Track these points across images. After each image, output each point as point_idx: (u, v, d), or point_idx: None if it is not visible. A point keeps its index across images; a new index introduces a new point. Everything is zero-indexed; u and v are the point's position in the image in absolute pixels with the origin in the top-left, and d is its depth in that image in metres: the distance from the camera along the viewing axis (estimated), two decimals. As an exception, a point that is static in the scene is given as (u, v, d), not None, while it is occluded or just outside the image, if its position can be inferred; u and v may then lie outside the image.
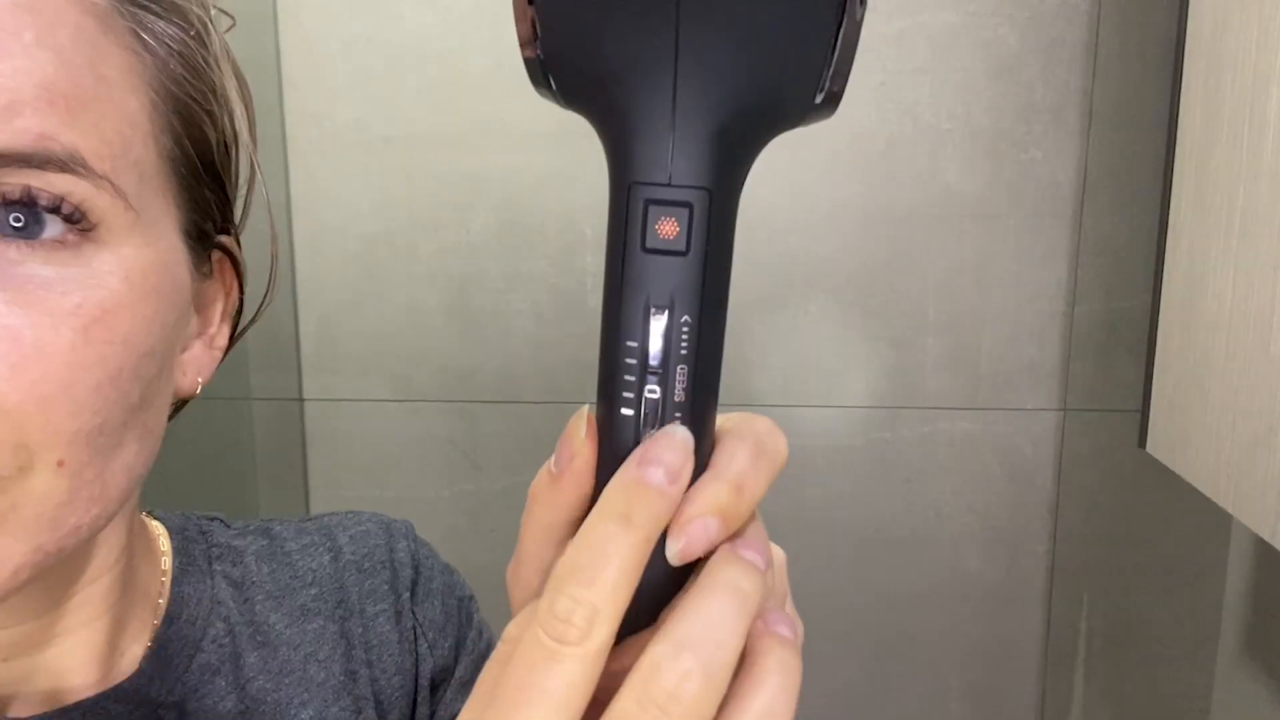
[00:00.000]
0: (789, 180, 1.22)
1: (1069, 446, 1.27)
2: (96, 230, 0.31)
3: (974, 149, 1.21)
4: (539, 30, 0.23)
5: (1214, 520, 1.26)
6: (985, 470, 1.28)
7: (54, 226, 0.30)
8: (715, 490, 0.24)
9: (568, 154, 1.23)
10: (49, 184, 0.29)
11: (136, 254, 0.32)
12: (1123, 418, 1.25)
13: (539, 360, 1.28)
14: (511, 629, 0.25)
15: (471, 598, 0.55)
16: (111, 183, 0.31)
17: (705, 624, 0.22)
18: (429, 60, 1.22)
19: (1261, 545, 1.20)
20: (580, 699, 0.22)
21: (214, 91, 0.37)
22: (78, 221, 0.31)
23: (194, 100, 0.36)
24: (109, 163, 0.31)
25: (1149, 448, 1.09)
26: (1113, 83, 1.19)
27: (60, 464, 0.30)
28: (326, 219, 1.27)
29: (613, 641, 0.22)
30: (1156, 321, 1.07)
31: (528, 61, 0.24)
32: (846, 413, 1.27)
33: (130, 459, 0.33)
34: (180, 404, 0.43)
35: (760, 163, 0.25)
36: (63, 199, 0.30)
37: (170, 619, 0.43)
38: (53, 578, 0.37)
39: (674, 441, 0.23)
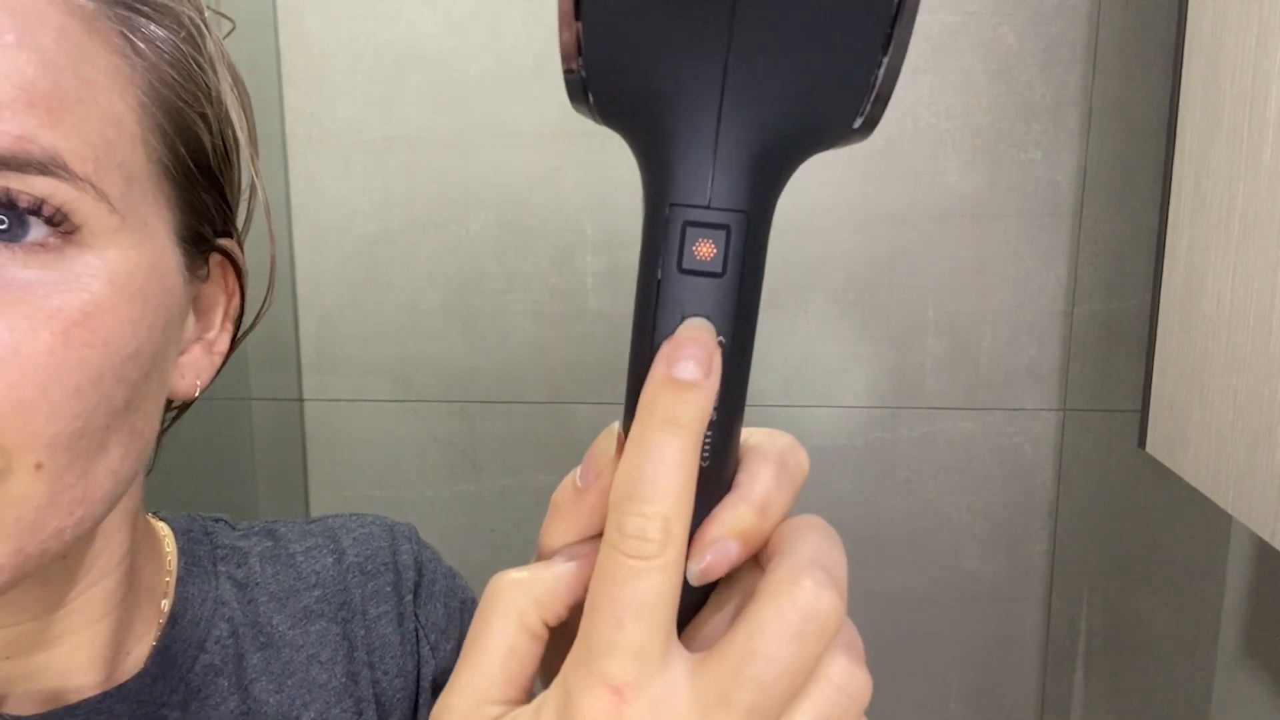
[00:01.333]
0: (789, 180, 1.22)
1: (1069, 446, 1.27)
2: (79, 233, 0.31)
3: (973, 149, 1.21)
4: (584, 46, 0.23)
5: (1214, 520, 1.26)
6: (985, 470, 1.28)
7: (37, 229, 0.30)
8: (740, 512, 0.24)
9: (568, 154, 1.23)
10: (29, 186, 0.29)
11: (122, 256, 0.32)
12: (1122, 418, 1.25)
13: (539, 360, 1.28)
14: (496, 578, 0.25)
15: (474, 600, 0.55)
16: (94, 185, 0.31)
17: (821, 546, 0.23)
18: (429, 61, 1.22)
19: (1261, 545, 1.21)
20: (673, 606, 0.22)
21: (208, 95, 0.37)
22: (60, 224, 0.30)
23: (186, 103, 0.36)
24: (91, 165, 0.31)
25: (1148, 448, 1.09)
26: (1112, 82, 1.19)
27: (38, 467, 0.30)
28: (326, 219, 1.27)
29: (687, 542, 0.23)
30: (1156, 321, 1.07)
31: (569, 76, 0.24)
32: (846, 413, 1.27)
33: (115, 462, 0.33)
34: (183, 407, 0.43)
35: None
36: (43, 201, 0.30)
37: (174, 619, 0.43)
38: (55, 578, 0.37)
39: (696, 334, 0.23)
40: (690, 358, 0.22)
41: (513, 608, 0.24)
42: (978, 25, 1.18)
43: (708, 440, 0.23)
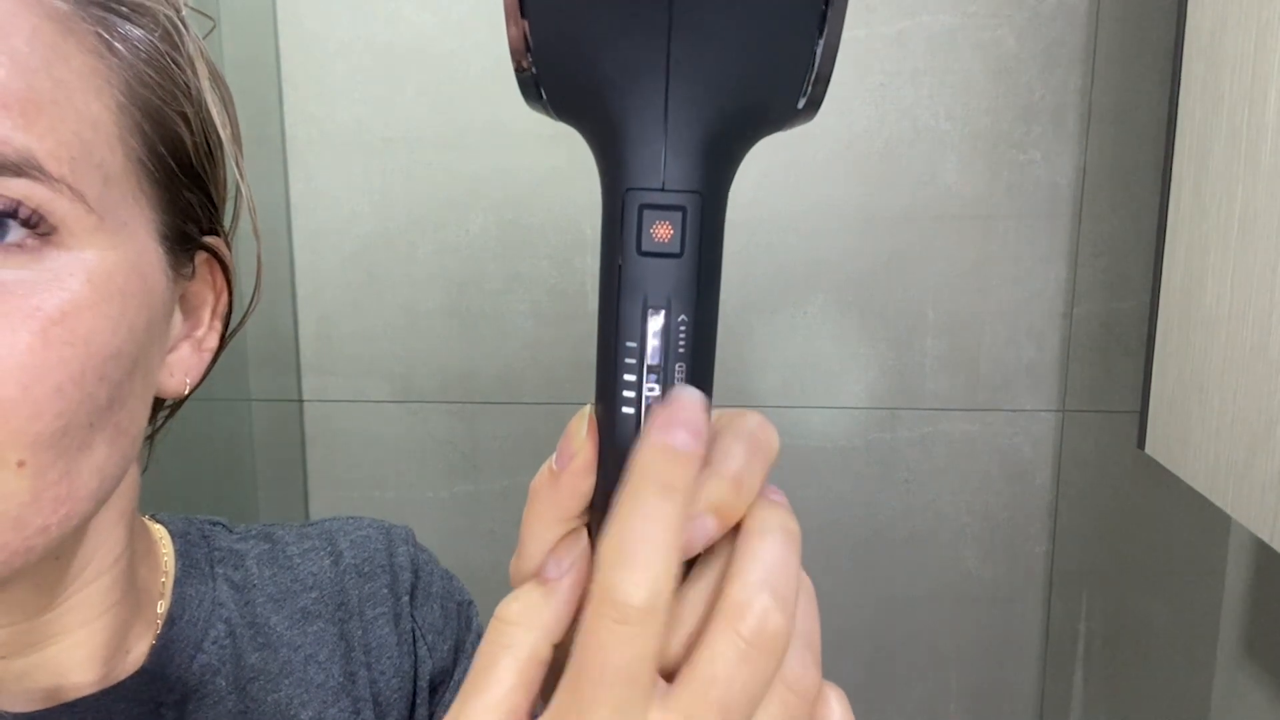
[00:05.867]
0: (788, 182, 1.22)
1: (1068, 447, 1.27)
2: (57, 234, 0.31)
3: (973, 150, 1.21)
4: (531, 41, 0.24)
5: (1213, 521, 1.26)
6: (984, 471, 1.28)
7: (14, 231, 0.30)
8: (714, 487, 0.24)
9: (567, 155, 1.23)
10: (3, 188, 0.29)
11: (100, 256, 0.32)
12: (1121, 418, 1.25)
13: (538, 361, 1.28)
14: (504, 607, 0.25)
15: (471, 603, 0.55)
16: (70, 186, 0.31)
17: (772, 564, 0.23)
18: (428, 61, 1.22)
19: (1260, 546, 1.21)
20: (656, 661, 0.23)
21: (187, 93, 0.37)
22: (36, 225, 0.30)
23: (165, 103, 0.36)
24: (67, 166, 0.31)
25: (1148, 448, 1.09)
26: (1112, 84, 1.19)
27: (21, 464, 0.30)
28: (326, 220, 1.27)
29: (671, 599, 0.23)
30: (1155, 322, 1.07)
31: (520, 74, 0.25)
32: (846, 414, 1.27)
33: (100, 460, 0.33)
34: (176, 405, 0.43)
35: (760, 164, 0.25)
36: (19, 203, 0.30)
37: (172, 620, 0.44)
38: (49, 577, 0.38)
39: (689, 402, 0.23)
40: (683, 425, 0.23)
41: (523, 641, 0.25)
42: (977, 27, 1.18)
43: None
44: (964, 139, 1.20)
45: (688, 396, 0.23)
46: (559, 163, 1.23)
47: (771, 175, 1.21)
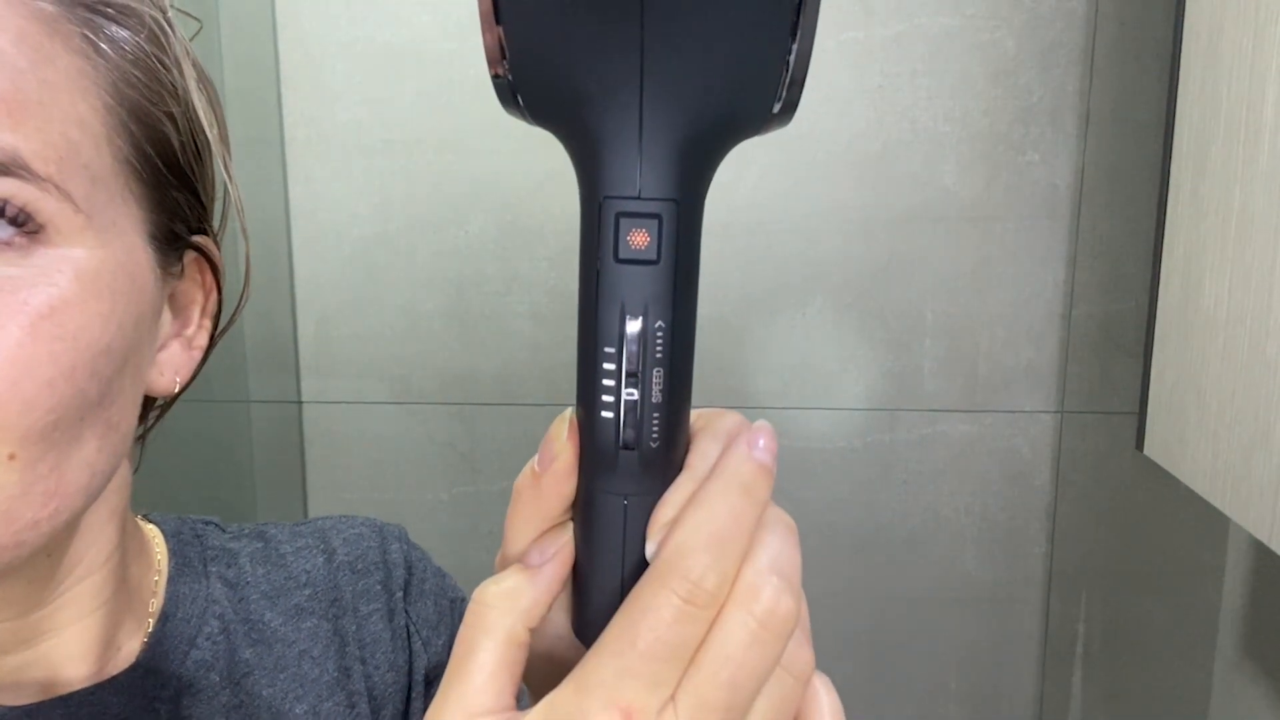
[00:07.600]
0: (787, 183, 1.22)
1: (1067, 448, 1.27)
2: (44, 232, 0.31)
3: (971, 152, 1.21)
4: (506, 49, 0.24)
5: (1211, 522, 1.26)
6: (983, 472, 1.28)
7: (2, 230, 0.31)
8: (691, 491, 0.25)
9: (566, 157, 1.23)
10: None
11: (88, 255, 0.33)
12: (1120, 420, 1.25)
13: (537, 362, 1.29)
14: (483, 590, 0.26)
15: (464, 600, 0.56)
16: (57, 185, 0.31)
17: (778, 551, 0.24)
18: (428, 63, 1.23)
19: (1258, 547, 1.21)
20: (692, 653, 0.24)
21: (174, 94, 0.37)
22: (23, 224, 0.31)
23: (152, 103, 0.36)
24: (54, 166, 0.31)
25: (1146, 450, 1.09)
26: (1110, 85, 1.19)
27: (11, 458, 0.30)
28: (325, 221, 1.27)
29: None
30: (1153, 324, 1.07)
31: (496, 81, 0.25)
32: (845, 415, 1.27)
33: (90, 455, 0.33)
34: (167, 404, 0.43)
35: (759, 166, 0.25)
36: (6, 202, 0.30)
37: (166, 617, 0.44)
38: (40, 574, 0.38)
39: (771, 430, 0.26)
40: (768, 450, 0.25)
41: (499, 624, 0.25)
42: (975, 29, 1.18)
43: (656, 422, 0.24)
44: (963, 141, 1.21)
45: (768, 425, 0.26)
46: (557, 165, 1.23)
47: (770, 177, 1.21)
